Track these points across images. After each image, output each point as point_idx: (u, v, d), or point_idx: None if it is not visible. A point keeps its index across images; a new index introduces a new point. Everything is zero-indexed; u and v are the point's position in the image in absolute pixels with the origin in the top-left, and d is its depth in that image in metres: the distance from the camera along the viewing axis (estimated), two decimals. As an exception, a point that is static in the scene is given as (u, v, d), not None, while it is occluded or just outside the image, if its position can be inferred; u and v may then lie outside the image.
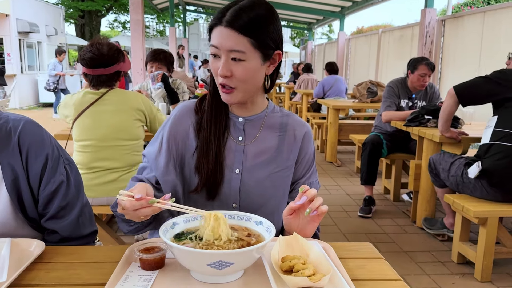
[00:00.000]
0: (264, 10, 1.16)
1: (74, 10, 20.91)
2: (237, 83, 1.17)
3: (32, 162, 1.17)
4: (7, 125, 1.16)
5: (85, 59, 2.31)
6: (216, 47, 1.15)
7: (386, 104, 4.04)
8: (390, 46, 9.02)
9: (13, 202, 1.16)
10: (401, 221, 3.76)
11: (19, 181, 1.16)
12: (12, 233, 1.18)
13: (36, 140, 1.18)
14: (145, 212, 0.99)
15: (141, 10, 6.66)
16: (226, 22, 1.13)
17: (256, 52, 1.15)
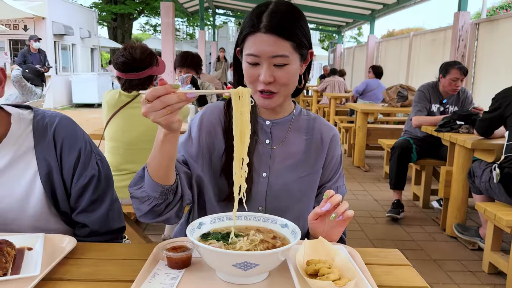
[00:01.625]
0: (296, 11, 1.16)
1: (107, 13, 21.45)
2: (279, 88, 1.17)
3: (65, 156, 1.21)
4: (44, 121, 1.22)
5: (118, 63, 2.34)
6: (256, 55, 1.13)
7: (416, 109, 3.97)
8: (422, 50, 8.84)
9: (47, 195, 1.21)
10: (430, 228, 3.68)
11: (53, 175, 1.20)
12: (44, 226, 1.23)
13: (70, 135, 1.22)
14: (170, 100, 0.90)
15: (172, 13, 6.79)
16: (265, 28, 1.11)
17: (296, 54, 1.15)
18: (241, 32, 1.18)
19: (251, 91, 1.18)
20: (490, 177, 2.86)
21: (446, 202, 3.56)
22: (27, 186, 1.19)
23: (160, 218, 1.15)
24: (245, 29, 1.15)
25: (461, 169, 3.31)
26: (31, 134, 1.20)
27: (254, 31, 1.12)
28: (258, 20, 1.12)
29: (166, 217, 1.16)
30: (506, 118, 2.86)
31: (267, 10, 1.14)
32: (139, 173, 1.15)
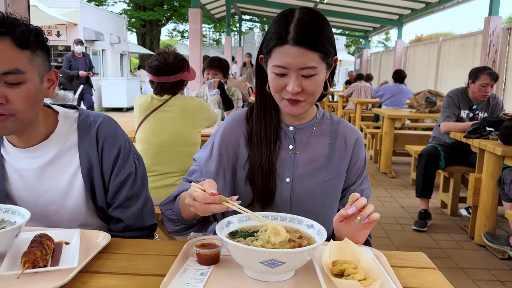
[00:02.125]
0: (321, 18, 1.16)
1: (136, 19, 21.93)
2: (307, 97, 1.18)
3: (106, 153, 1.29)
4: (88, 119, 1.31)
5: (151, 67, 2.46)
6: (284, 67, 1.14)
7: (445, 115, 3.91)
8: (451, 55, 8.69)
9: (86, 190, 1.28)
10: (458, 236, 3.61)
11: (94, 170, 1.28)
12: (82, 220, 1.30)
13: (111, 133, 1.30)
14: (214, 208, 1.01)
15: (199, 20, 6.90)
16: (293, 40, 1.11)
17: (323, 64, 1.16)
18: (267, 42, 1.18)
19: (277, 99, 1.21)
20: None
21: (475, 210, 3.49)
22: (69, 180, 1.27)
23: (189, 231, 1.29)
24: (272, 41, 1.15)
25: (491, 177, 3.24)
26: (75, 132, 1.29)
27: (282, 43, 1.12)
28: (285, 32, 1.12)
29: (196, 231, 1.30)
30: None
31: (293, 20, 1.13)
32: (171, 197, 1.27)
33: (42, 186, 1.27)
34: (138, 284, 0.95)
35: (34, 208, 1.26)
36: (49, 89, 1.22)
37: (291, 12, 1.17)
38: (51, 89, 1.22)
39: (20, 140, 1.24)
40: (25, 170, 1.26)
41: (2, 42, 1.09)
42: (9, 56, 1.09)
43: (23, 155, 1.25)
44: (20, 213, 1.11)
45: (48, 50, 1.20)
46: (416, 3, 9.89)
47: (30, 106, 1.14)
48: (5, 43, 1.09)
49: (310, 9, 1.19)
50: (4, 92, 1.10)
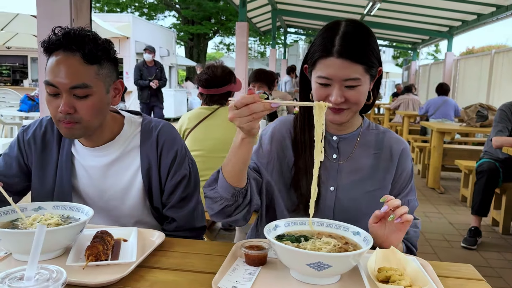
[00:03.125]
0: (365, 31, 1.19)
1: (184, 33, 22.65)
2: (350, 106, 1.21)
3: (164, 155, 1.39)
4: (150, 125, 1.42)
5: (201, 80, 2.63)
6: (328, 78, 1.17)
7: (497, 129, 3.77)
8: (504, 68, 8.34)
9: (144, 189, 1.39)
10: (510, 255, 3.45)
11: (152, 171, 1.38)
12: (138, 217, 1.40)
13: (170, 138, 1.41)
14: (257, 108, 0.99)
15: (246, 33, 7.06)
16: (337, 53, 1.14)
17: (367, 76, 1.19)
18: (312, 53, 1.21)
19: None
20: None
21: (530, 228, 3.33)
22: (130, 179, 1.37)
23: (229, 219, 1.22)
24: (317, 52, 1.18)
25: (547, 194, 3.09)
26: (138, 135, 1.40)
27: (327, 55, 1.16)
28: (330, 44, 1.15)
29: (235, 218, 1.22)
30: None
31: (339, 32, 1.17)
32: (213, 176, 1.25)
33: (106, 183, 1.38)
34: (191, 280, 1.01)
35: (97, 202, 1.38)
36: (114, 98, 1.34)
37: (337, 24, 1.20)
38: (116, 98, 1.34)
39: (89, 141, 1.36)
40: (91, 167, 1.37)
41: (72, 58, 1.21)
42: (78, 71, 1.21)
43: (91, 153, 1.37)
44: (84, 210, 1.21)
45: (116, 61, 1.31)
46: (467, 15, 9.61)
47: (95, 115, 1.26)
48: (74, 59, 1.21)
49: (356, 21, 1.22)
50: (73, 103, 1.22)
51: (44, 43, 1.21)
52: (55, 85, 1.20)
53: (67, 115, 1.22)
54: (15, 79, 16.43)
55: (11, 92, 8.18)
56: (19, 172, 1.41)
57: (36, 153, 1.39)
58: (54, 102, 1.23)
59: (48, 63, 1.22)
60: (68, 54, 1.20)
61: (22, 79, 16.24)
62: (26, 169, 1.42)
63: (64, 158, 1.37)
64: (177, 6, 22.96)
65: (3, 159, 1.42)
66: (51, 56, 1.22)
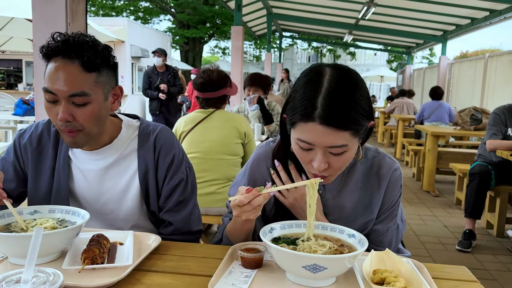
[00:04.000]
0: (353, 85, 1.05)
1: (180, 37, 22.63)
2: (334, 172, 1.13)
3: (162, 159, 1.39)
4: (148, 128, 1.42)
5: (197, 84, 2.66)
6: (310, 143, 1.06)
7: (491, 132, 3.81)
8: (498, 72, 8.41)
9: (141, 193, 1.39)
10: (504, 258, 3.47)
11: (149, 174, 1.38)
12: (135, 221, 1.41)
13: (168, 142, 1.41)
14: (258, 201, 1.05)
15: (241, 37, 7.08)
16: (320, 118, 1.00)
17: (355, 139, 1.06)
18: (292, 110, 1.07)
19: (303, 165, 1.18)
20: None
21: (524, 231, 3.36)
22: (127, 182, 1.38)
23: None
24: (297, 114, 1.04)
25: (541, 197, 3.12)
26: (136, 138, 1.40)
27: (308, 120, 1.02)
28: (312, 106, 1.01)
29: None
30: None
31: (321, 90, 1.02)
32: (217, 237, 1.34)
33: (103, 186, 1.38)
34: (188, 283, 1.02)
35: (93, 206, 1.38)
36: (113, 103, 1.34)
37: (320, 75, 1.06)
38: (115, 103, 1.34)
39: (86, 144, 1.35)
40: (88, 171, 1.38)
41: (71, 65, 1.20)
42: (76, 79, 1.20)
43: (88, 157, 1.37)
44: (80, 214, 1.21)
45: (115, 67, 1.31)
46: (461, 19, 9.69)
47: (95, 122, 1.26)
48: (73, 66, 1.20)
49: (341, 69, 1.08)
50: (72, 110, 1.22)
51: (42, 49, 1.21)
52: (54, 92, 1.20)
53: (66, 123, 1.22)
54: (10, 83, 16.38)
55: (5, 96, 8.15)
56: (15, 178, 1.41)
57: (32, 157, 1.39)
58: (53, 109, 1.23)
59: (47, 70, 1.21)
60: (67, 61, 1.19)
61: (17, 83, 16.20)
62: (23, 174, 1.42)
63: (61, 161, 1.37)
64: (173, 10, 22.95)
65: (0, 164, 1.42)
66: (49, 62, 1.22)
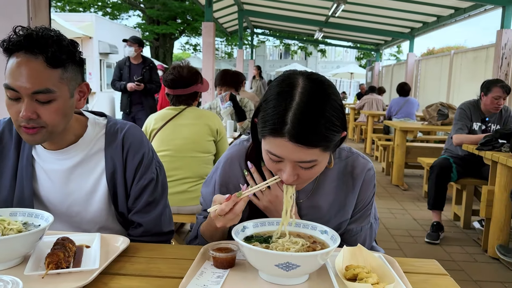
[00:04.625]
0: (324, 99, 1.01)
1: (150, 33, 22.27)
2: (304, 182, 1.12)
3: (130, 158, 1.34)
4: (115, 126, 1.37)
5: (167, 80, 2.59)
6: (280, 157, 1.04)
7: (457, 127, 3.91)
8: (463, 68, 8.67)
9: (109, 194, 1.34)
10: (471, 249, 3.58)
11: (117, 175, 1.34)
12: (103, 223, 1.36)
13: (137, 140, 1.36)
14: (240, 207, 1.05)
15: (213, 33, 7.02)
16: (289, 134, 0.98)
17: (326, 154, 1.05)
18: (262, 121, 1.03)
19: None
20: None
21: (488, 222, 3.46)
22: (94, 183, 1.32)
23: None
24: (267, 128, 1.01)
25: (504, 189, 3.22)
26: (103, 137, 1.35)
27: (277, 135, 1.00)
28: (282, 122, 0.98)
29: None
30: None
31: (292, 105, 0.99)
32: (192, 235, 1.32)
33: (68, 187, 1.32)
34: (157, 286, 0.99)
35: (59, 208, 1.32)
36: (79, 101, 1.28)
37: (292, 87, 1.02)
38: (81, 101, 1.28)
39: (50, 143, 1.30)
40: (53, 171, 1.32)
41: (34, 61, 1.13)
42: (40, 76, 1.14)
43: (53, 157, 1.31)
44: (43, 217, 1.15)
45: (81, 63, 1.25)
46: (427, 17, 9.92)
47: (59, 120, 1.21)
48: (37, 62, 1.14)
49: (314, 83, 1.03)
50: (35, 108, 1.16)
51: (3, 43, 1.14)
52: (16, 89, 1.13)
53: (29, 120, 1.16)
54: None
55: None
56: None
57: None
58: (14, 106, 1.16)
59: (8, 65, 1.15)
60: (30, 56, 1.13)
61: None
62: None
63: (24, 161, 1.31)
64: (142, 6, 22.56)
65: None
66: (11, 57, 1.15)
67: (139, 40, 5.64)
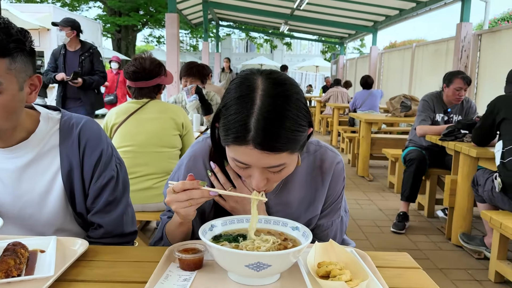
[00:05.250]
0: (287, 101, 0.96)
1: (111, 25, 21.65)
2: (277, 182, 1.10)
3: (88, 156, 1.25)
4: (70, 121, 1.27)
5: (128, 72, 2.47)
6: (246, 164, 0.99)
7: (421, 118, 3.99)
8: (424, 61, 8.89)
9: (66, 193, 1.24)
10: (435, 237, 3.66)
11: (74, 173, 1.24)
12: (59, 225, 1.26)
13: (94, 136, 1.27)
14: (195, 194, 0.99)
15: (176, 25, 6.86)
16: (254, 142, 0.92)
17: (294, 155, 1.01)
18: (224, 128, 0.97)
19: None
20: (492, 186, 2.87)
21: (451, 211, 3.55)
22: (48, 183, 1.23)
23: None
24: (230, 136, 0.95)
25: (466, 178, 3.31)
26: (57, 133, 1.24)
27: (242, 143, 0.94)
28: (244, 130, 0.93)
29: None
30: (498, 125, 2.88)
31: (253, 109, 0.93)
32: (157, 236, 1.24)
33: (20, 188, 1.22)
34: (119, 292, 0.92)
35: (10, 211, 1.22)
36: (30, 94, 1.16)
37: (252, 90, 0.96)
38: (32, 94, 1.17)
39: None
40: (3, 171, 1.21)
41: None
42: None
43: (2, 155, 1.20)
44: (-8, 220, 1.06)
45: (32, 53, 1.14)
46: (390, 10, 10.10)
47: (7, 116, 1.10)
48: None
49: (275, 83, 0.97)
50: None
51: None
52: None
53: None
54: None
55: None
56: None
57: None
58: None
59: None
60: None
61: None
62: None
63: None
64: (103, -4, 21.91)
65: None
66: None
67: (72, 21, 4.82)
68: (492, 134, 3.02)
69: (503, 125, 2.83)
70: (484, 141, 3.11)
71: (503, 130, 2.83)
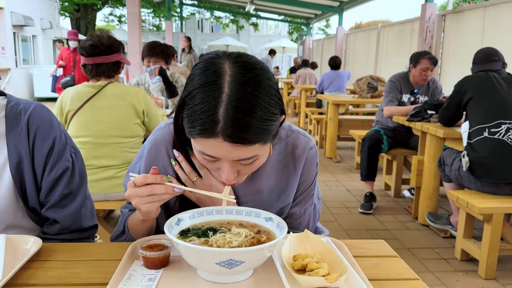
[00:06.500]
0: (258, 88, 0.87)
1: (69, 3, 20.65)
2: (248, 175, 1.05)
3: (38, 145, 1.13)
4: (18, 107, 1.14)
5: (85, 47, 2.27)
6: (215, 157, 0.92)
7: (387, 99, 4.00)
8: (390, 42, 8.96)
9: (15, 187, 1.12)
10: (402, 217, 3.72)
11: (24, 165, 1.12)
12: (10, 221, 1.14)
13: (45, 123, 1.14)
14: (157, 189, 0.91)
15: (138, 3, 6.59)
16: (224, 135, 0.85)
17: (266, 145, 0.94)
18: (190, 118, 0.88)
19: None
20: (459, 166, 2.91)
21: (418, 191, 3.61)
22: None
23: None
24: (195, 128, 0.87)
25: (433, 158, 3.35)
26: (3, 121, 1.12)
27: (209, 136, 0.86)
28: (212, 121, 0.84)
29: None
30: (464, 105, 2.92)
31: (222, 98, 0.84)
32: (119, 230, 1.16)
33: None
34: (76, 297, 0.83)
35: None
36: None
37: (218, 76, 0.86)
38: None
39: None
40: None
41: None
42: None
43: None
44: None
45: None
46: (356, -10, 10.09)
47: None
48: None
49: (243, 67, 0.89)
50: None
51: None
52: None
53: None
54: None
55: None
56: None
57: None
58: None
59: None
60: None
61: None
62: None
63: None
64: (59, -27, 20.83)
65: None
66: None
67: None
68: (459, 114, 3.05)
69: (470, 105, 2.86)
70: (450, 121, 3.15)
71: (470, 110, 2.86)
